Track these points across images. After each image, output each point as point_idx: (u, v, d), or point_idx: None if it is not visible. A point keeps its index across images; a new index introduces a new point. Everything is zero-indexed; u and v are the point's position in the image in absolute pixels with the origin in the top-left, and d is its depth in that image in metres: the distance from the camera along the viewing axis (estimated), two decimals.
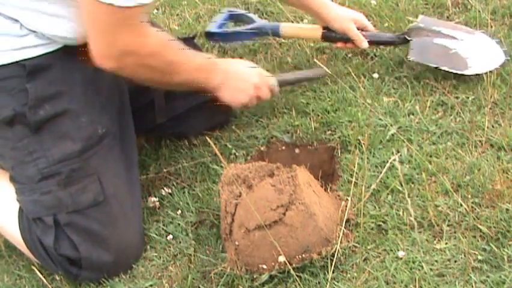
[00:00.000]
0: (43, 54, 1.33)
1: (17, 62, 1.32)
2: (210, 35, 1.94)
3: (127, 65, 1.30)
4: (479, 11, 1.99)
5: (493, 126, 1.58)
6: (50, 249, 1.37)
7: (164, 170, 1.63)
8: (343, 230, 1.31)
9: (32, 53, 1.32)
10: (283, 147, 1.64)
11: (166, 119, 1.63)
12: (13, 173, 1.41)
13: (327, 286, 1.26)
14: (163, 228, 1.48)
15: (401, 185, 1.42)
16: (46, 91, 1.34)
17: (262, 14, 2.17)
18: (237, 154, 1.62)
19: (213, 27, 1.95)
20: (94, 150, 1.37)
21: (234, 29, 1.98)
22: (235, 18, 2.03)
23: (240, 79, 1.53)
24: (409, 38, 1.75)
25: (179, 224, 1.48)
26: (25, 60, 1.32)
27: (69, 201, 1.35)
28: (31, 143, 1.35)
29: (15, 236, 1.43)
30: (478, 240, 1.31)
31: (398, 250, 1.31)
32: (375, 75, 1.80)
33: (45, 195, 1.35)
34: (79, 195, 1.35)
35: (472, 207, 1.37)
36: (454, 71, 1.70)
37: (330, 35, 1.80)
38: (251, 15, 1.98)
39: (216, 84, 1.49)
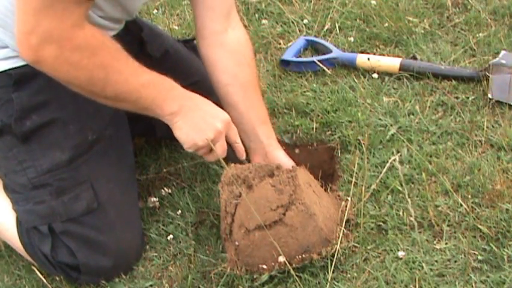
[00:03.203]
0: None
1: (3, 71, 1.30)
2: (285, 63, 1.90)
3: (45, 57, 1.14)
4: (479, 11, 1.99)
5: (493, 126, 1.58)
6: (49, 256, 1.37)
7: (164, 170, 1.63)
8: (343, 230, 1.31)
9: (19, 62, 1.29)
10: (283, 147, 1.64)
11: (166, 132, 1.61)
12: (7, 181, 1.40)
13: (327, 286, 1.26)
14: (163, 228, 1.48)
15: (401, 185, 1.42)
16: (33, 101, 1.31)
17: (262, 14, 2.18)
18: None
19: (288, 56, 1.91)
20: (83, 158, 1.34)
21: (310, 58, 1.91)
22: (310, 46, 1.99)
23: (200, 116, 1.28)
24: (490, 75, 1.66)
25: (179, 224, 1.48)
26: (11, 69, 1.29)
27: (62, 211, 1.34)
28: (20, 153, 1.33)
29: (15, 241, 1.43)
30: (478, 240, 1.31)
31: (398, 250, 1.31)
32: (375, 75, 1.80)
33: (39, 205, 1.34)
34: (72, 204, 1.34)
35: (472, 207, 1.37)
36: None
37: (408, 66, 1.77)
38: (328, 44, 1.94)
39: (169, 112, 1.26)
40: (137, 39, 1.52)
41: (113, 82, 1.21)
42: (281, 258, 1.26)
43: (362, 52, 1.90)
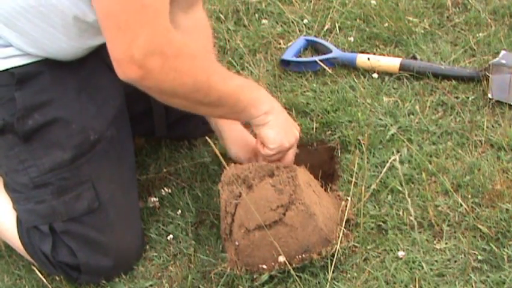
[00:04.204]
0: (33, 62, 1.30)
1: (5, 70, 1.29)
2: (285, 63, 1.90)
3: (152, 69, 1.10)
4: (479, 11, 1.99)
5: (493, 126, 1.58)
6: (49, 256, 1.37)
7: (164, 170, 1.63)
8: (343, 230, 1.31)
9: (21, 61, 1.29)
10: None
11: (166, 132, 1.61)
12: (7, 180, 1.40)
13: (327, 286, 1.26)
14: (163, 228, 1.48)
15: (401, 185, 1.42)
16: (35, 100, 1.30)
17: (262, 14, 2.17)
18: None
19: (288, 56, 1.91)
20: (86, 157, 1.34)
21: (310, 58, 1.91)
22: (310, 46, 1.99)
23: (286, 119, 1.33)
24: (490, 75, 1.65)
25: (179, 224, 1.48)
26: (14, 68, 1.29)
27: (63, 210, 1.34)
28: (22, 152, 1.33)
29: (15, 241, 1.43)
30: (478, 240, 1.31)
31: (398, 250, 1.31)
32: (375, 75, 1.80)
33: (40, 204, 1.34)
34: (73, 204, 1.34)
35: (472, 207, 1.37)
36: None
37: (408, 66, 1.77)
38: (328, 44, 1.94)
39: (263, 112, 1.27)
40: None
41: (214, 85, 1.20)
42: (281, 258, 1.26)
43: (362, 52, 1.90)
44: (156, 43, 1.10)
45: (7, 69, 1.29)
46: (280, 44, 2.02)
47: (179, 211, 1.51)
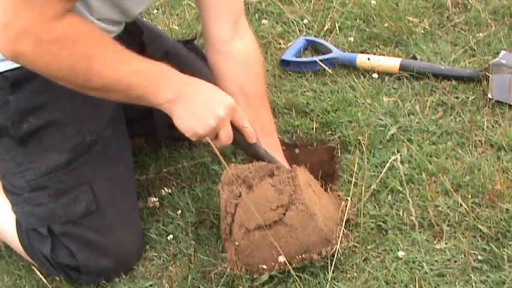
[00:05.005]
0: None
1: (0, 73, 1.28)
2: (285, 63, 1.90)
3: (23, 50, 1.10)
4: (479, 11, 1.99)
5: (493, 126, 1.58)
6: (49, 257, 1.37)
7: (164, 170, 1.63)
8: (343, 230, 1.31)
9: (15, 64, 1.26)
10: (283, 147, 1.64)
11: (168, 135, 1.61)
12: (5, 183, 1.40)
13: (327, 286, 1.26)
14: (163, 228, 1.48)
15: (401, 185, 1.42)
16: (29, 103, 1.30)
17: (262, 14, 2.18)
18: (237, 154, 1.62)
19: (288, 56, 1.91)
20: (82, 159, 1.33)
21: (310, 58, 1.91)
22: (310, 46, 1.99)
23: (201, 103, 1.21)
24: (490, 75, 1.66)
25: (179, 224, 1.48)
26: (8, 71, 1.28)
27: (61, 213, 1.33)
28: (18, 155, 1.33)
29: (14, 242, 1.43)
30: (478, 240, 1.31)
31: (398, 250, 1.31)
32: (375, 75, 1.80)
33: (38, 207, 1.34)
34: (71, 206, 1.33)
35: (472, 207, 1.37)
36: None
37: (408, 66, 1.77)
38: (328, 44, 1.94)
39: (165, 100, 1.20)
40: (137, 42, 1.51)
41: (97, 72, 1.15)
42: (281, 258, 1.26)
43: (362, 52, 1.90)
44: (32, 27, 1.09)
45: (1, 73, 1.29)
46: (280, 44, 2.02)
47: (179, 211, 1.51)
